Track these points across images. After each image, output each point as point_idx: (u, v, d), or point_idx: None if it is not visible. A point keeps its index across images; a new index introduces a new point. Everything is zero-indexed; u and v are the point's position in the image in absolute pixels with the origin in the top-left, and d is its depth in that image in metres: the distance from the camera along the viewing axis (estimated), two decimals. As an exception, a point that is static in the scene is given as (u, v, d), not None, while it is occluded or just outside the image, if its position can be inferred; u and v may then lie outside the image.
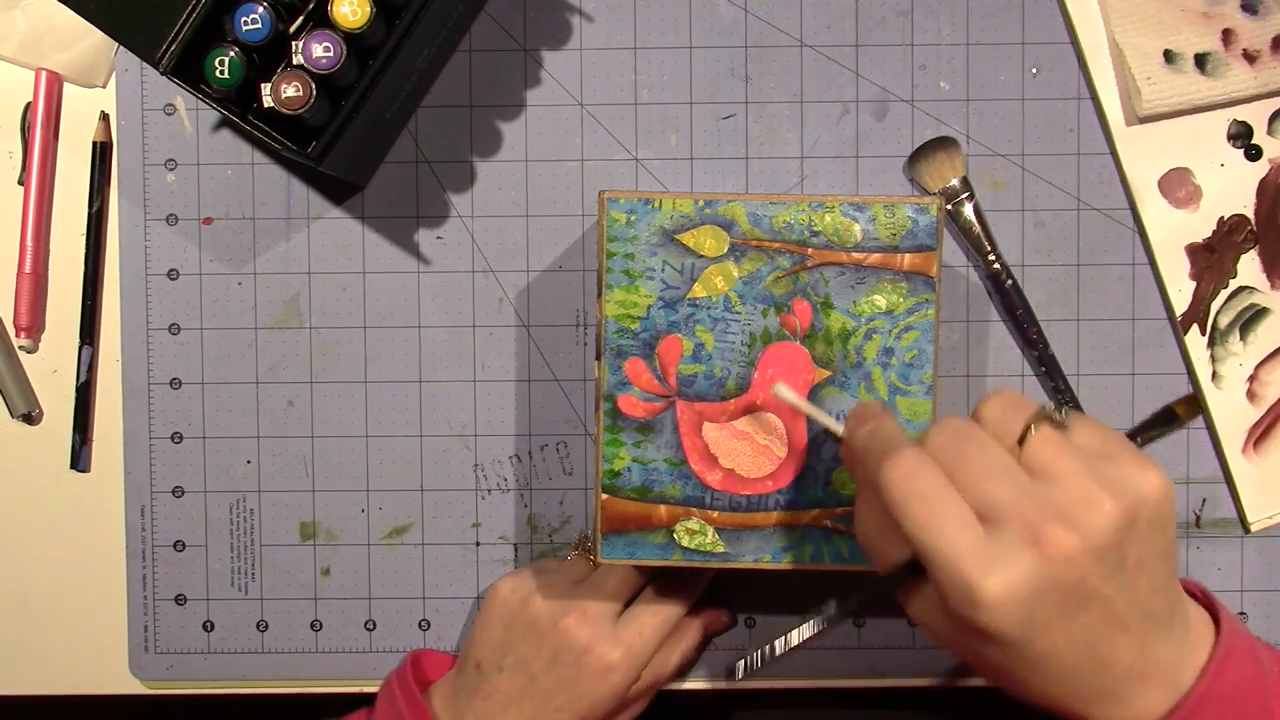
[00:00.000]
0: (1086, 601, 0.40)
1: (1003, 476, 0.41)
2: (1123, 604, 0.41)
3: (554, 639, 0.55)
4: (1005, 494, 0.40)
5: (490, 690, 0.55)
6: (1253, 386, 0.60)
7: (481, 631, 0.57)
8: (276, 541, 0.62)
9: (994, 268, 0.60)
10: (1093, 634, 0.41)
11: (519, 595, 0.56)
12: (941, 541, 0.40)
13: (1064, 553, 0.39)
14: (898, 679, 0.61)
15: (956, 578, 0.39)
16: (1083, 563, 0.39)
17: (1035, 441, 0.41)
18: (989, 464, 0.41)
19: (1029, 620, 0.39)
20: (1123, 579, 0.41)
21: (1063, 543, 0.39)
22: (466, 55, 0.61)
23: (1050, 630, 0.40)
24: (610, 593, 0.56)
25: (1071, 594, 0.40)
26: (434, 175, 0.61)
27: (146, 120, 0.61)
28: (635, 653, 0.55)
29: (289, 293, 0.61)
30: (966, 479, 0.41)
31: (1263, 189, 0.60)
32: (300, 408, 0.61)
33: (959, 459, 0.41)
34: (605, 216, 0.53)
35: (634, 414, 0.53)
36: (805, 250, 0.52)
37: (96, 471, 0.62)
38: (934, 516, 0.40)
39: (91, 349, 0.61)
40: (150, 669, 0.62)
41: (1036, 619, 0.40)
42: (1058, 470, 0.41)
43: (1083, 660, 0.41)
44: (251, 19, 0.50)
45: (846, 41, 0.60)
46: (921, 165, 0.60)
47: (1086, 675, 0.41)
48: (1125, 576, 0.41)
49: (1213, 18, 0.59)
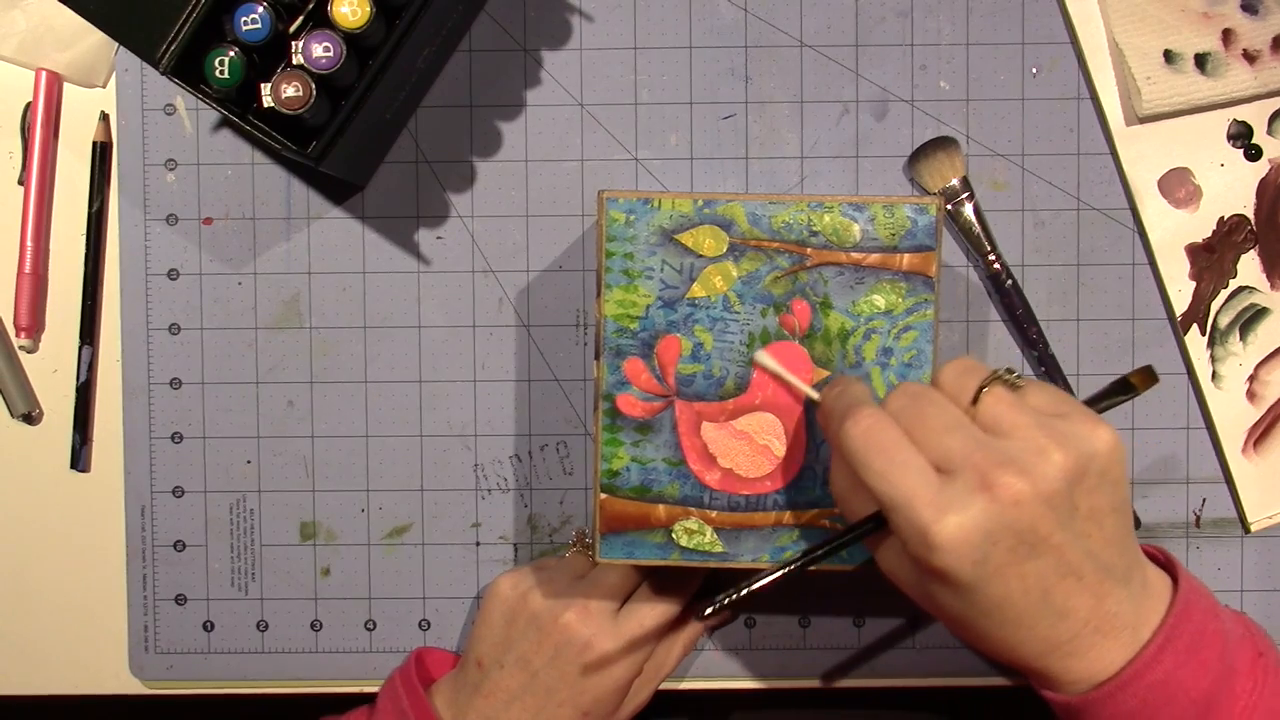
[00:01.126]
0: (1037, 548, 0.42)
1: (957, 430, 0.43)
2: (1075, 553, 0.42)
3: (555, 635, 0.55)
4: (959, 445, 0.42)
5: (492, 687, 0.55)
6: (1253, 386, 0.60)
7: (482, 629, 0.57)
8: (276, 541, 0.62)
9: (994, 268, 0.60)
10: (1046, 581, 0.42)
11: (519, 592, 0.56)
12: (898, 490, 0.42)
13: (1013, 497, 0.41)
14: (898, 679, 0.61)
15: (913, 522, 0.42)
16: (1032, 508, 0.41)
17: (988, 400, 0.44)
18: (945, 420, 0.43)
19: (983, 563, 0.41)
20: (1074, 528, 0.42)
21: (1012, 487, 0.41)
22: (466, 55, 0.61)
23: (1003, 575, 0.42)
24: (610, 588, 0.56)
25: (1023, 539, 0.41)
26: (434, 175, 0.61)
27: (146, 120, 0.61)
28: (636, 647, 0.56)
29: (289, 293, 0.61)
30: (923, 434, 0.43)
31: (1263, 189, 0.60)
32: (300, 408, 0.61)
33: (917, 417, 0.44)
34: (605, 216, 0.53)
35: (633, 414, 0.53)
36: (804, 250, 0.52)
37: (96, 471, 0.62)
38: (891, 467, 0.42)
39: (91, 349, 0.61)
40: (150, 669, 0.62)
41: (990, 562, 0.41)
42: (1010, 425, 0.43)
43: (1038, 608, 0.42)
44: (251, 19, 0.50)
45: (846, 41, 0.60)
46: (921, 165, 0.60)
47: (1042, 624, 0.43)
48: (1077, 526, 0.42)
49: (1213, 18, 0.59)
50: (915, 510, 0.41)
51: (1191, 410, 0.60)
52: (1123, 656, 0.43)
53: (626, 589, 0.57)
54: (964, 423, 0.43)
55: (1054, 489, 0.41)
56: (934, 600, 0.44)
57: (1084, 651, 0.43)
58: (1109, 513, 0.43)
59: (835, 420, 0.46)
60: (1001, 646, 0.44)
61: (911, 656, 0.61)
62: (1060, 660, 0.43)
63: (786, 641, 0.61)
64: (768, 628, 0.61)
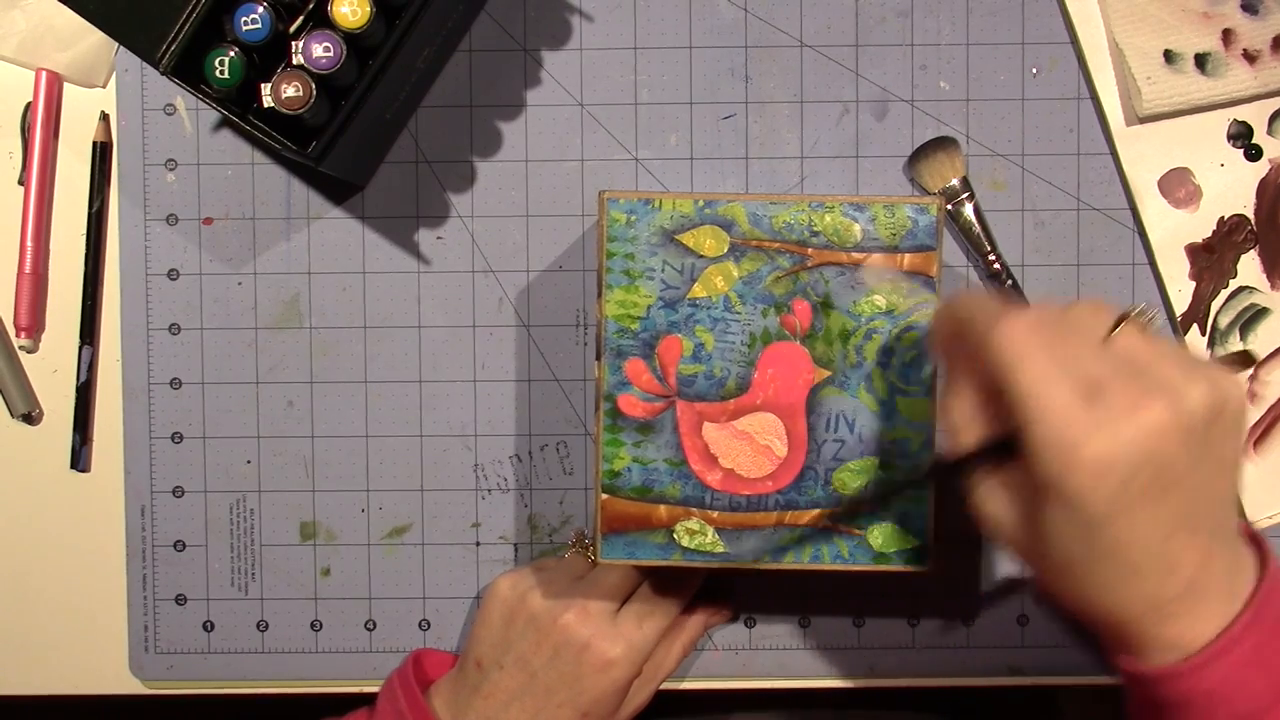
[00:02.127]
0: (1169, 488, 0.40)
1: (1104, 355, 0.41)
2: (1202, 500, 0.41)
3: (554, 636, 0.55)
4: (1107, 369, 0.41)
5: (491, 688, 0.55)
6: (1253, 386, 0.60)
7: (481, 630, 0.57)
8: (276, 541, 0.62)
9: (994, 268, 0.60)
10: (1168, 526, 0.41)
11: (518, 592, 0.56)
12: (1050, 401, 0.40)
13: (1160, 425, 0.39)
14: (898, 679, 0.61)
15: (1061, 436, 0.39)
16: (1176, 440, 0.40)
17: (1125, 332, 0.42)
18: (1090, 344, 0.42)
19: (1118, 494, 0.40)
20: (1205, 471, 0.41)
21: (1162, 413, 0.39)
22: (466, 55, 0.61)
23: (1134, 511, 0.40)
24: (609, 589, 0.56)
25: (1160, 474, 0.40)
26: (434, 175, 0.61)
27: (146, 120, 0.61)
28: (636, 648, 0.55)
29: (289, 293, 0.61)
30: (1069, 355, 0.41)
31: (1263, 189, 0.60)
32: (300, 408, 0.61)
33: (1062, 337, 0.42)
34: (605, 216, 0.53)
35: (634, 414, 0.53)
36: (805, 250, 0.52)
37: (96, 471, 0.62)
38: (1045, 374, 0.40)
39: (91, 349, 0.61)
40: (150, 669, 0.62)
41: (1127, 494, 0.40)
42: (1149, 358, 0.41)
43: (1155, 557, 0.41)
44: (251, 19, 0.50)
45: (846, 41, 0.60)
46: (921, 165, 0.60)
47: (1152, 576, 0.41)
48: (1208, 469, 0.41)
49: (1213, 18, 0.59)
50: (1065, 425, 0.39)
51: (1191, 410, 0.60)
52: (1214, 627, 0.42)
53: (626, 590, 0.57)
54: (1108, 351, 0.42)
55: (1196, 422, 0.40)
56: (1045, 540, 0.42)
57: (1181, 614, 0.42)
58: (1232, 466, 0.42)
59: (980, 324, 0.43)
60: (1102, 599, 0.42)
61: (911, 656, 0.61)
62: (1155, 623, 0.42)
63: (786, 641, 0.61)
64: (768, 628, 0.61)
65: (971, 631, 0.61)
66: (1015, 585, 0.61)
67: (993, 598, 0.61)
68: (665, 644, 0.58)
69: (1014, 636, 0.61)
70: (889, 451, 0.53)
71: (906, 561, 0.53)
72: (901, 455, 0.53)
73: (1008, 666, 0.61)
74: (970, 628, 0.61)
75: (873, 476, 0.52)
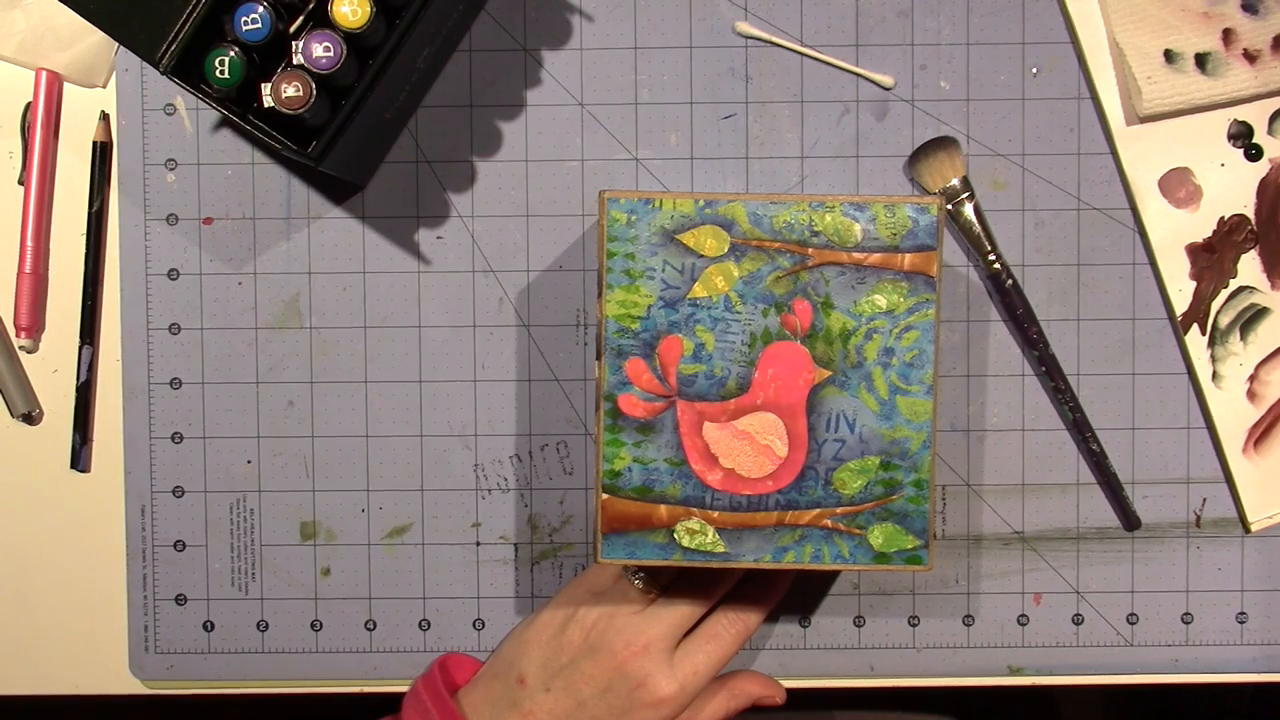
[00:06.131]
0: None
1: None
2: None
3: (610, 667, 0.55)
4: None
5: (532, 707, 0.55)
6: (1253, 386, 0.60)
7: (533, 647, 0.56)
8: (276, 541, 0.62)
9: (994, 268, 0.60)
10: None
11: (577, 618, 0.56)
12: None
13: None
14: (898, 679, 0.61)
15: None
16: None
17: None
18: None
19: None
20: None
21: None
22: (466, 55, 0.61)
23: None
24: (670, 626, 0.56)
25: None
26: (434, 175, 0.61)
27: (146, 120, 0.61)
28: (687, 690, 0.55)
29: (289, 293, 0.61)
30: None
31: (1263, 189, 0.60)
32: (300, 408, 0.61)
33: None
34: (605, 216, 0.52)
35: (634, 414, 0.53)
36: (806, 250, 0.52)
37: (96, 471, 0.62)
38: None
39: (91, 349, 0.61)
40: (150, 669, 0.62)
41: None
42: None
43: None
44: (251, 19, 0.50)
45: (846, 41, 0.60)
46: (921, 165, 0.60)
47: None
48: None
49: (1213, 17, 0.59)
50: None
51: (1192, 410, 0.60)
52: None
53: (684, 629, 0.56)
54: None
55: None
56: None
57: None
58: None
59: None
60: None
61: (911, 656, 0.61)
62: None
63: (786, 641, 0.61)
64: (768, 628, 0.61)
65: (971, 631, 0.61)
66: (1015, 585, 0.61)
67: (993, 598, 0.61)
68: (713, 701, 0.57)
69: (1014, 636, 0.61)
70: (889, 451, 0.53)
71: (906, 561, 0.53)
72: (902, 455, 0.53)
73: (1008, 666, 0.61)
74: (970, 628, 0.61)
75: (873, 476, 0.52)
